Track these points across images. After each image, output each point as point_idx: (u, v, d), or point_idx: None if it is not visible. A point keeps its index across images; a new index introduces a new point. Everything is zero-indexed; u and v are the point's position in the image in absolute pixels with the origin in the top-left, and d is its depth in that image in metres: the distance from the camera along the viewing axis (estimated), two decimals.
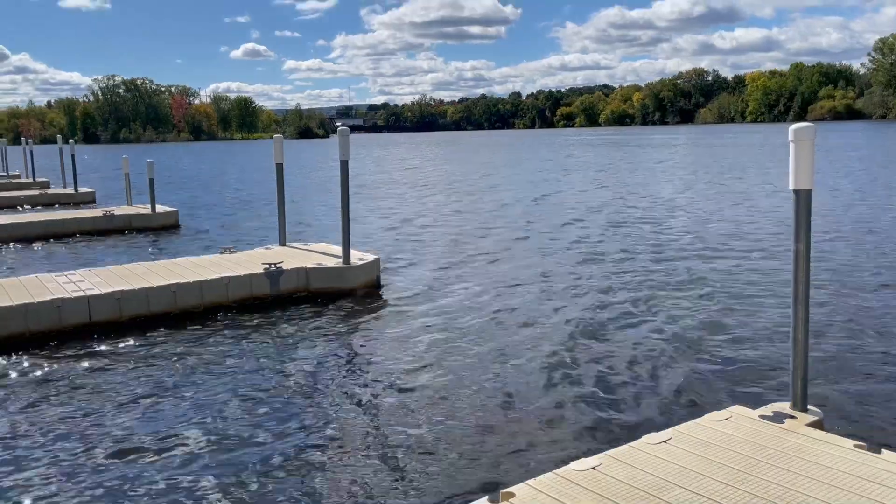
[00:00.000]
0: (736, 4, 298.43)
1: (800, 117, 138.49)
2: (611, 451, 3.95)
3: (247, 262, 9.40)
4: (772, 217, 15.19)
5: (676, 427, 4.24)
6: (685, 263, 10.63)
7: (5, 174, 32.52)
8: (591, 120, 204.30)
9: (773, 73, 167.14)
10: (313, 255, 9.93)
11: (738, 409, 4.44)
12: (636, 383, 5.89)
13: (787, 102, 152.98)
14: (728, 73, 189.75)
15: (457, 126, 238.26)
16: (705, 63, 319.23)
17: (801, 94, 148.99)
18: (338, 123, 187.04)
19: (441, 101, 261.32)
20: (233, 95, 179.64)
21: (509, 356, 6.64)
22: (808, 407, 4.37)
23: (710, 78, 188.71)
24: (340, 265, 9.19)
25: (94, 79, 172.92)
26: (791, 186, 4.23)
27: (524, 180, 28.43)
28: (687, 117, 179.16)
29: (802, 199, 4.21)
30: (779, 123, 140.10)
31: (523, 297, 8.86)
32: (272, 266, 8.92)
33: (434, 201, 21.10)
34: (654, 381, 5.94)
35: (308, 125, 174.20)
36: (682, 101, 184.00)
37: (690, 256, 11.18)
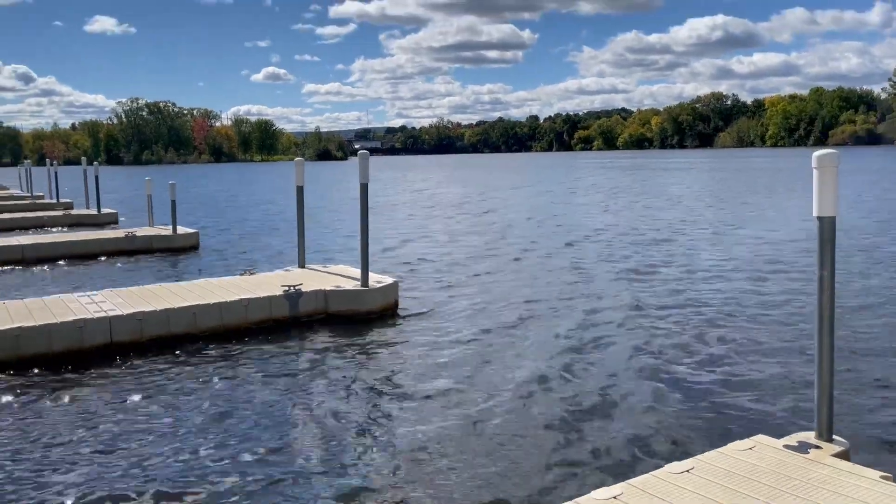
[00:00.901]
0: (754, 30, 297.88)
1: (820, 142, 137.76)
2: (633, 480, 3.90)
3: (266, 284, 9.45)
4: (797, 241, 15.05)
5: (699, 456, 4.18)
6: (709, 286, 10.55)
7: (29, 195, 33.04)
8: (609, 143, 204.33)
9: (792, 97, 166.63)
10: (332, 277, 9.96)
11: (761, 439, 4.37)
12: (657, 410, 5.83)
13: (808, 127, 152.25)
14: (747, 98, 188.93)
15: (474, 149, 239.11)
16: (724, 87, 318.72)
17: (821, 119, 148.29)
18: (356, 146, 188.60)
19: (458, 124, 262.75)
20: (253, 118, 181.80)
21: (529, 381, 6.60)
22: (834, 437, 4.29)
23: (728, 102, 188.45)
24: (359, 288, 9.21)
25: (118, 101, 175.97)
26: (815, 213, 4.20)
27: (543, 202, 28.42)
28: (706, 141, 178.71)
29: (826, 226, 4.18)
30: (799, 148, 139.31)
31: (543, 322, 8.82)
32: (291, 288, 8.96)
33: (449, 223, 21.13)
34: (675, 408, 5.87)
35: (327, 147, 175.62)
36: (701, 125, 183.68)
37: (714, 280, 11.09)
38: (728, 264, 12.58)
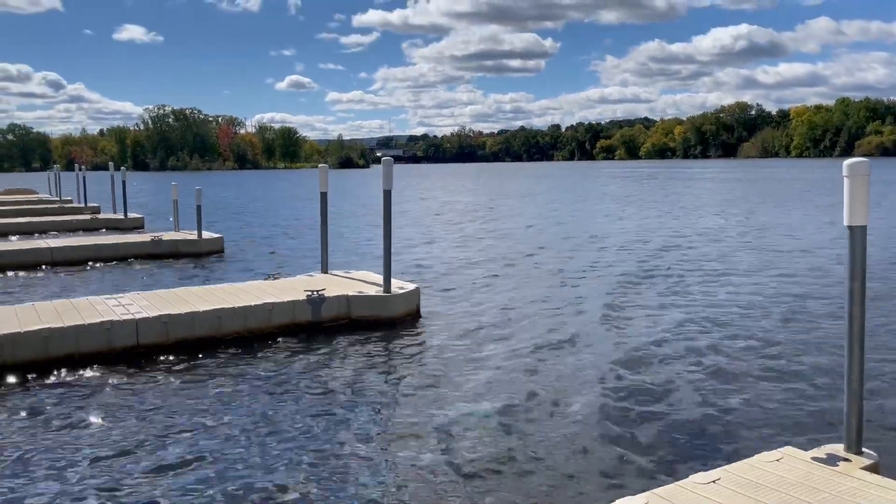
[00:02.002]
0: (779, 39, 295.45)
1: (846, 153, 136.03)
2: (658, 490, 3.86)
3: (289, 289, 9.52)
4: (828, 252, 14.86)
5: (726, 467, 4.14)
6: (733, 295, 10.44)
7: (58, 199, 33.58)
8: (632, 153, 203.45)
9: (818, 107, 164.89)
10: (355, 283, 10.01)
11: (789, 451, 4.32)
12: (683, 419, 5.77)
13: (834, 137, 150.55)
14: (772, 108, 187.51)
15: (495, 157, 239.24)
16: (748, 97, 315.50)
17: (847, 130, 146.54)
18: (378, 154, 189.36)
19: (480, 133, 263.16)
20: (277, 126, 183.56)
21: (552, 389, 6.57)
22: (863, 449, 4.23)
23: (753, 112, 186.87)
24: (381, 293, 9.24)
25: (146, 108, 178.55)
26: (846, 223, 4.15)
27: (564, 210, 28.34)
28: (729, 151, 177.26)
29: (857, 236, 4.13)
30: (824, 158, 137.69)
31: (565, 326, 8.78)
32: (314, 293, 9.01)
33: (469, 230, 21.13)
34: (702, 417, 5.81)
35: (349, 155, 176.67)
36: (725, 135, 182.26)
37: (738, 288, 10.98)
38: (754, 271, 12.45)
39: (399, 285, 9.61)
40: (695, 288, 11.37)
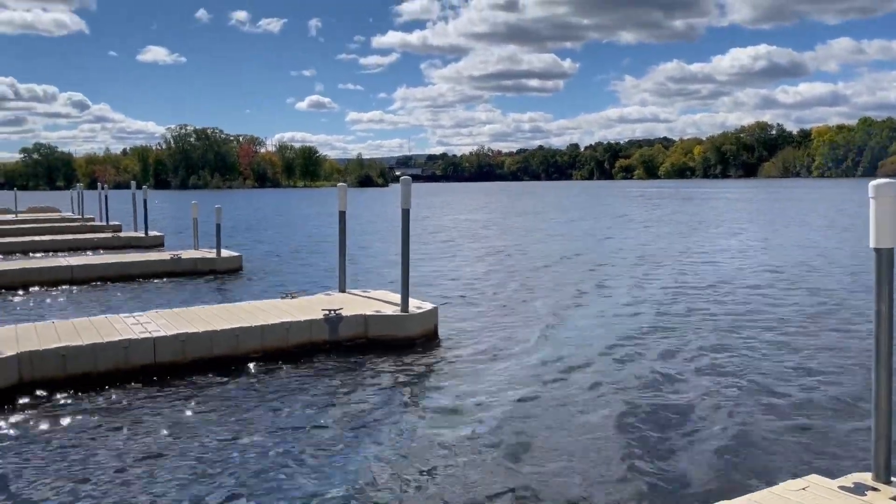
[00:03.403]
0: (799, 59, 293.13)
1: (869, 173, 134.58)
2: None
3: (307, 308, 9.51)
4: (855, 274, 14.63)
5: (750, 495, 4.03)
6: (759, 320, 10.28)
7: (80, 217, 34.00)
8: (651, 172, 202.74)
9: (840, 127, 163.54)
10: (372, 302, 9.98)
11: (815, 479, 4.20)
12: (706, 446, 5.65)
13: (856, 157, 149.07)
14: (792, 128, 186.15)
15: (514, 177, 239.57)
16: (768, 117, 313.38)
17: (870, 150, 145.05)
18: (397, 173, 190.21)
19: (499, 152, 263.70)
20: (297, 145, 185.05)
21: (571, 412, 6.48)
22: (892, 479, 4.10)
23: (773, 132, 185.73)
24: (399, 313, 9.20)
25: (168, 128, 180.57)
26: (872, 245, 4.06)
27: (580, 228, 28.21)
28: (750, 171, 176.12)
29: (884, 258, 4.04)
30: (847, 179, 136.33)
31: (584, 347, 8.68)
32: (332, 312, 8.99)
33: (486, 249, 21.06)
34: (725, 444, 5.69)
35: (368, 174, 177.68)
36: (745, 155, 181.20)
37: (764, 313, 10.81)
38: (780, 293, 12.27)
39: (417, 304, 9.57)
40: (717, 307, 11.22)
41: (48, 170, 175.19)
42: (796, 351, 8.55)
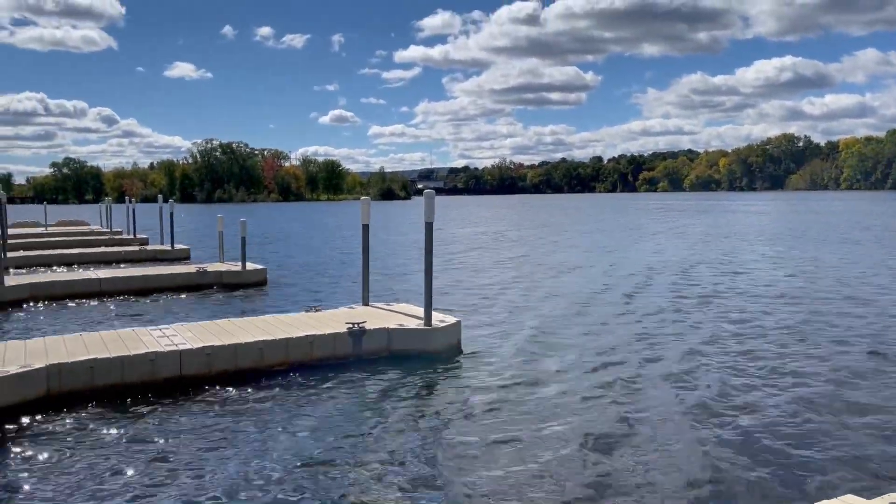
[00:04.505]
0: (825, 70, 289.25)
1: None
2: None
3: (331, 321, 9.53)
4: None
5: None
6: (792, 336, 10.12)
7: (108, 230, 34.50)
8: (675, 185, 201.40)
9: (868, 139, 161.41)
10: (396, 315, 9.98)
11: (850, 499, 4.10)
12: (738, 464, 5.55)
13: (885, 169, 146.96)
14: (819, 140, 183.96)
15: (536, 189, 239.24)
16: (794, 129, 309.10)
17: None
18: (419, 186, 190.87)
19: (521, 165, 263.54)
20: (321, 158, 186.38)
21: (598, 430, 6.39)
22: None
23: (800, 144, 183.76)
24: (422, 327, 9.18)
25: (194, 142, 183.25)
26: None
27: (601, 242, 28.01)
28: (776, 183, 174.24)
29: None
30: (876, 191, 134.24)
31: (611, 362, 8.59)
32: (355, 326, 9.00)
33: (508, 262, 20.99)
34: (757, 463, 5.58)
35: (391, 187, 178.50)
36: (772, 167, 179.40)
37: (799, 329, 10.63)
38: (813, 307, 12.07)
39: (440, 318, 9.54)
40: (744, 326, 11.06)
41: (77, 184, 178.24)
42: (835, 370, 8.39)
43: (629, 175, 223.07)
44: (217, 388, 7.75)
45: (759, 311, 12.19)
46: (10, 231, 31.53)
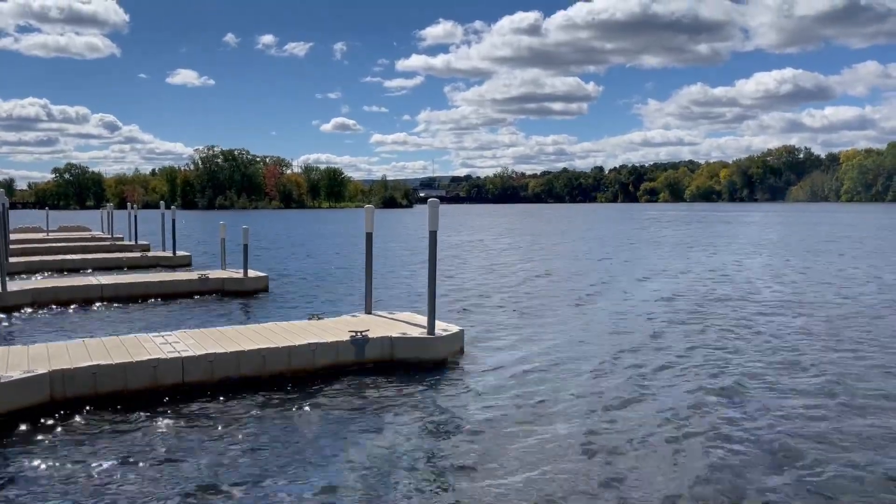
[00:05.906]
0: (825, 83, 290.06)
1: None
2: None
3: (333, 329, 9.52)
4: None
5: None
6: (817, 342, 10.11)
7: (110, 237, 34.51)
8: (676, 195, 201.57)
9: (869, 151, 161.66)
10: (398, 324, 9.97)
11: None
12: (760, 474, 5.53)
13: (886, 182, 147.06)
14: (819, 151, 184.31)
15: (538, 199, 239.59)
16: (794, 140, 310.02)
17: None
18: (421, 194, 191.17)
19: (523, 174, 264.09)
20: (322, 166, 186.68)
21: (601, 441, 6.38)
22: None
23: (801, 155, 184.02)
24: (425, 335, 9.18)
25: (196, 149, 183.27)
26: None
27: (604, 250, 27.99)
28: (777, 195, 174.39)
29: None
30: (877, 203, 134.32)
31: (616, 370, 8.58)
32: (358, 334, 8.99)
33: (509, 270, 20.97)
34: (782, 471, 5.56)
35: (392, 195, 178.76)
36: (772, 179, 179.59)
37: (811, 342, 10.62)
38: (838, 320, 12.06)
39: (443, 327, 9.54)
40: (748, 332, 11.05)
41: (79, 189, 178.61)
42: (845, 385, 8.37)
43: (630, 185, 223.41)
44: (219, 395, 7.74)
45: (781, 318, 12.18)
46: (13, 236, 31.55)
